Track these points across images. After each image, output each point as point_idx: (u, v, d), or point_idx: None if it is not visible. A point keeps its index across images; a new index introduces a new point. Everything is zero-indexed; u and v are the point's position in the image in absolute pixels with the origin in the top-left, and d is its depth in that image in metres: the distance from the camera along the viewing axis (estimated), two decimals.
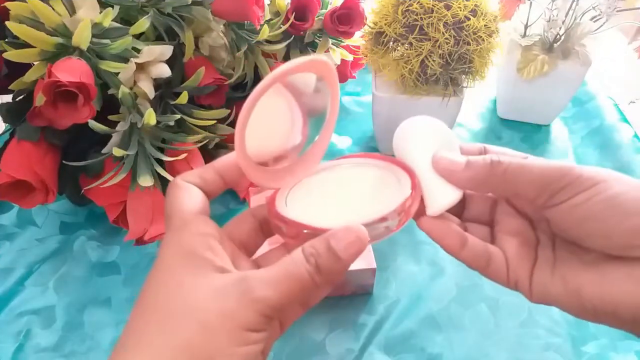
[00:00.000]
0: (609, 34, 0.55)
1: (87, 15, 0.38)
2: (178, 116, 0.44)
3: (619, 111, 0.64)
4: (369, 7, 0.50)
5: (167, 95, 0.46)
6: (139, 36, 0.41)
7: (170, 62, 0.43)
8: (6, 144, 0.42)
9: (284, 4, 0.53)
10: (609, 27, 0.53)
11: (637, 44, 0.73)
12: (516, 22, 0.58)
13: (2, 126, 0.49)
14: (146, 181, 0.42)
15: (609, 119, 0.63)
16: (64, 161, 0.42)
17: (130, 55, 0.40)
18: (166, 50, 0.42)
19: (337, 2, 0.54)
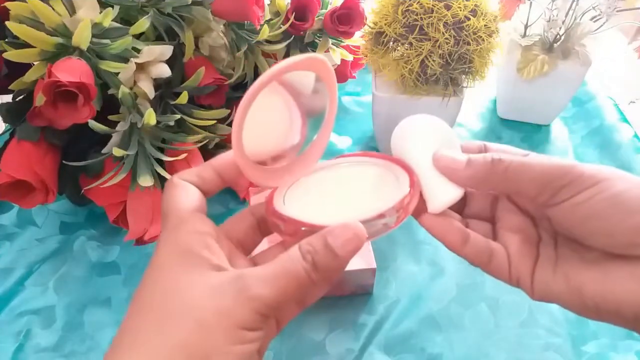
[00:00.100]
0: (609, 34, 0.55)
1: (87, 15, 0.38)
2: (178, 116, 0.44)
3: (619, 111, 0.64)
4: (369, 7, 0.50)
5: (167, 95, 0.46)
6: (139, 36, 0.42)
7: (170, 62, 0.43)
8: (6, 144, 0.42)
9: (284, 4, 0.53)
10: (609, 27, 0.53)
11: (637, 44, 0.73)
12: (516, 22, 0.58)
13: (2, 126, 0.49)
14: (146, 181, 0.42)
15: (609, 119, 0.63)
16: (64, 161, 0.42)
17: (130, 55, 0.40)
18: (166, 50, 0.42)
19: (337, 2, 0.54)
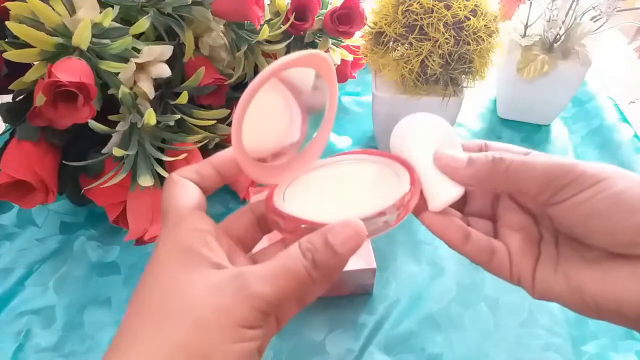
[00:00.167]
0: (609, 34, 0.55)
1: (87, 15, 0.38)
2: (178, 116, 0.44)
3: (619, 111, 0.64)
4: (369, 7, 0.51)
5: (167, 95, 0.46)
6: (139, 36, 0.42)
7: (170, 62, 0.43)
8: (6, 144, 0.42)
9: (284, 4, 0.53)
10: (609, 27, 0.53)
11: (637, 44, 0.73)
12: (516, 22, 0.58)
13: (2, 126, 0.49)
14: (146, 181, 0.42)
15: (609, 119, 0.63)
16: (64, 161, 0.42)
17: (130, 55, 0.40)
18: (166, 50, 0.42)
19: (337, 2, 0.54)
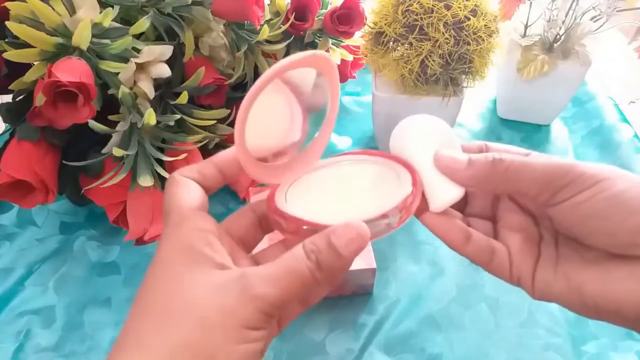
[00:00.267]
0: (609, 34, 0.55)
1: (87, 15, 0.38)
2: (178, 116, 0.44)
3: (619, 111, 0.64)
4: (369, 7, 0.51)
5: (167, 95, 0.46)
6: (139, 36, 0.41)
7: (170, 62, 0.43)
8: (6, 144, 0.42)
9: (284, 4, 0.53)
10: (609, 27, 0.53)
11: (637, 44, 0.73)
12: (516, 22, 0.58)
13: (2, 126, 0.49)
14: (146, 181, 0.42)
15: (609, 119, 0.63)
16: (64, 161, 0.42)
17: (130, 55, 0.40)
18: (166, 50, 0.42)
19: (337, 2, 0.54)
